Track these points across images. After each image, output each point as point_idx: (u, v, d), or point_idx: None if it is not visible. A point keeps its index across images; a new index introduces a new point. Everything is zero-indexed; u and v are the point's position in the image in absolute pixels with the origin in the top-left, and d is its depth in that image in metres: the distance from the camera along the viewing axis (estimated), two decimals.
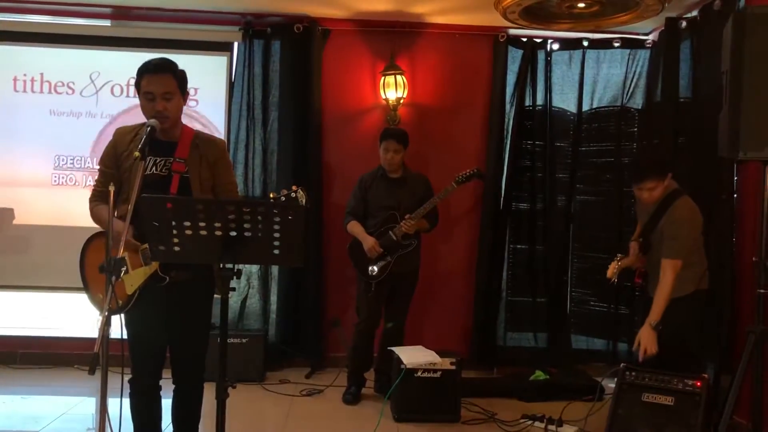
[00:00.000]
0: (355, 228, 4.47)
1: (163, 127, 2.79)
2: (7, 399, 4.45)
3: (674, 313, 3.45)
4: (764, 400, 2.82)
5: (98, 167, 2.99)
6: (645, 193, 3.53)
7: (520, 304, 5.35)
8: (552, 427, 3.95)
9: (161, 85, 2.77)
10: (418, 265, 4.57)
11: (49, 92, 5.13)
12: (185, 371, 2.98)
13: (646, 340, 3.42)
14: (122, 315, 2.80)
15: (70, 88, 5.14)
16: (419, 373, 4.11)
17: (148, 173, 2.78)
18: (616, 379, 3.56)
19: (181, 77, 2.85)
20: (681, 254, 3.40)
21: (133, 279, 2.77)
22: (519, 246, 5.36)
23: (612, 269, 3.72)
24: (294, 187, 2.59)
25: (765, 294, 2.81)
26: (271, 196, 2.65)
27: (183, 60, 3.00)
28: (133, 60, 2.98)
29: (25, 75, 5.12)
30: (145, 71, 2.81)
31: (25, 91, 5.13)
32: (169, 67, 2.82)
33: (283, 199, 2.54)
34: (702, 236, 3.58)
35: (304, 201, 2.54)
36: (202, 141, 2.94)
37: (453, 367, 4.15)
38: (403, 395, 4.11)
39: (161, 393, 3.01)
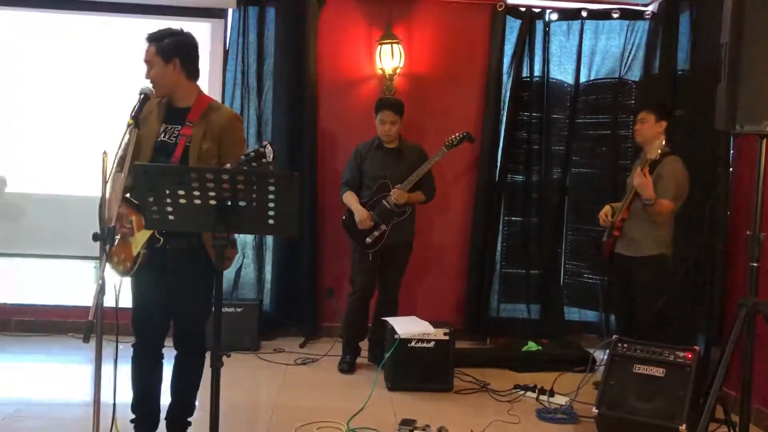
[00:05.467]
0: (349, 198, 4.46)
1: (157, 95, 2.86)
2: (1, 366, 4.47)
3: (644, 269, 3.84)
4: (753, 372, 2.85)
5: None
6: (637, 124, 3.99)
7: (513, 275, 5.37)
8: (543, 398, 3.99)
9: (144, 54, 2.89)
10: (413, 237, 4.57)
11: (42, 58, 5.05)
12: (184, 339, 3.03)
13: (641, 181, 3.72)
14: (122, 281, 2.85)
15: (63, 54, 5.06)
16: (413, 343, 4.14)
17: (159, 140, 2.86)
18: (607, 351, 3.60)
19: (163, 46, 2.86)
20: (668, 196, 3.75)
21: (138, 241, 2.82)
22: (513, 218, 5.37)
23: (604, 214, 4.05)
24: (264, 143, 2.61)
25: (757, 267, 2.83)
26: (242, 157, 2.64)
27: (176, 26, 2.97)
28: (129, 26, 2.95)
29: (17, 41, 5.04)
30: None
31: (17, 57, 5.04)
32: (151, 37, 2.89)
33: (252, 155, 2.55)
34: (677, 206, 3.82)
35: (272, 157, 2.54)
36: (212, 111, 2.94)
37: (446, 338, 4.18)
38: (396, 365, 4.14)
39: (164, 361, 3.08)
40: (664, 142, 3.83)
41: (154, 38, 2.89)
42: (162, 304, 2.97)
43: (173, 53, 2.87)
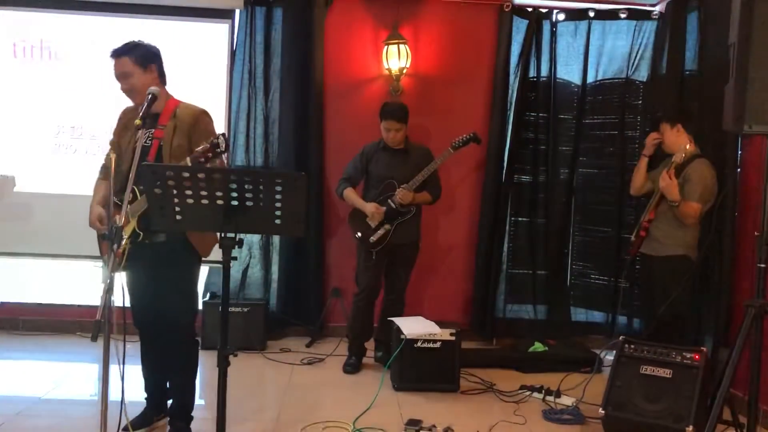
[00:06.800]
0: (350, 195, 4.46)
1: (138, 103, 2.96)
2: (9, 365, 4.50)
3: (663, 269, 3.80)
4: (761, 374, 2.84)
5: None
6: (661, 136, 4.00)
7: (520, 276, 5.36)
8: (550, 398, 3.99)
9: (117, 68, 3.00)
10: (419, 237, 4.57)
11: (49, 59, 5.08)
12: (170, 329, 3.10)
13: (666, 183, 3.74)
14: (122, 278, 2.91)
15: (70, 55, 5.08)
16: (419, 344, 4.14)
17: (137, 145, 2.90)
18: (614, 352, 3.59)
19: (139, 54, 2.98)
20: (695, 198, 3.73)
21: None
22: (520, 218, 5.35)
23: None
24: (218, 134, 2.72)
25: (765, 268, 2.81)
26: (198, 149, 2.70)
27: (184, 27, 3.02)
28: (134, 26, 2.99)
29: (24, 41, 5.07)
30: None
31: (24, 57, 5.08)
32: (123, 50, 3.00)
33: (207, 146, 2.63)
34: (705, 208, 3.75)
35: (224, 146, 2.63)
36: (180, 109, 3.04)
37: (452, 338, 4.18)
38: (402, 365, 4.14)
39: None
40: (690, 145, 3.83)
41: (124, 51, 3.00)
42: (150, 296, 3.06)
43: (149, 60, 3.01)
